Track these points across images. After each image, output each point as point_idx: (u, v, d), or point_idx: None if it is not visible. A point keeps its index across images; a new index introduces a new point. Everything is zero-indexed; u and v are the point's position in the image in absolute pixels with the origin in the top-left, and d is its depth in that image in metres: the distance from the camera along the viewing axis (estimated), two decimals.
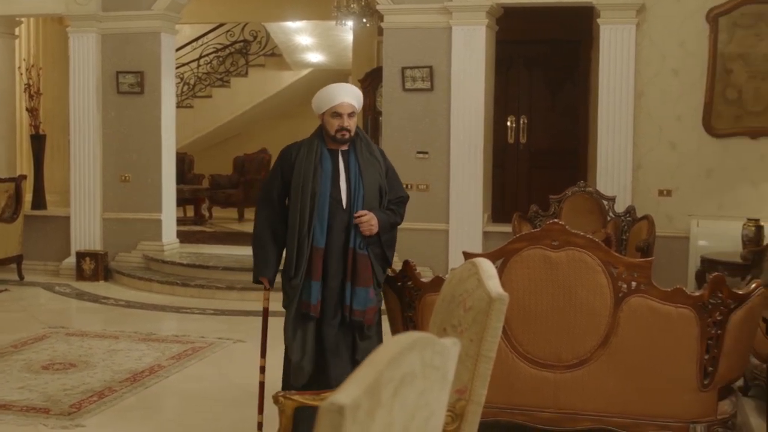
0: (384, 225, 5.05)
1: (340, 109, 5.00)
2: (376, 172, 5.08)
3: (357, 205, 4.98)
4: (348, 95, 5.07)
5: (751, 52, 9.01)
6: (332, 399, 1.76)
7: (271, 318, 8.34)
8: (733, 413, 4.81)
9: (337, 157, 5.08)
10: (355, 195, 5.00)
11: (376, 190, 5.05)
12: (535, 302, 4.68)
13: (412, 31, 9.78)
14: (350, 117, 5.02)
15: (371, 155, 5.13)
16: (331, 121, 5.04)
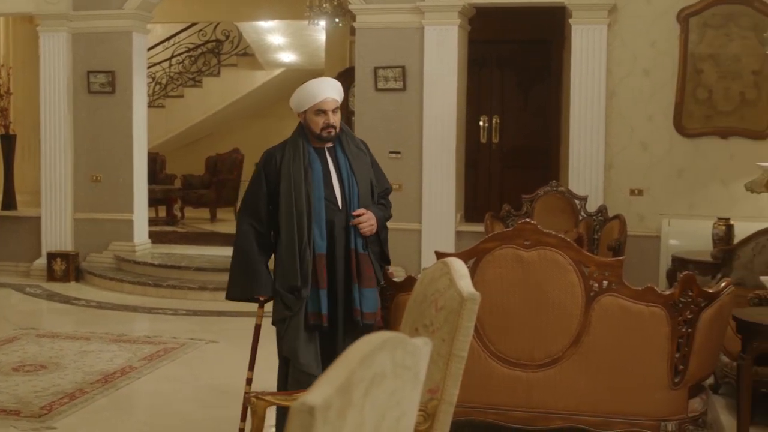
0: (381, 222, 4.87)
1: (324, 105, 4.73)
2: (366, 166, 4.87)
3: (353, 204, 4.75)
4: (331, 90, 4.80)
5: (721, 52, 9.07)
6: (303, 399, 1.75)
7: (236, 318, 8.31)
8: (703, 411, 4.84)
9: (325, 156, 4.82)
10: (350, 193, 4.76)
11: (368, 185, 4.84)
12: (507, 302, 4.69)
13: (385, 30, 9.78)
14: (335, 113, 4.77)
15: (358, 149, 4.90)
16: (315, 120, 4.75)
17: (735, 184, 8.80)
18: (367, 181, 4.83)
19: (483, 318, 4.64)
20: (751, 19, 8.91)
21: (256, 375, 5.13)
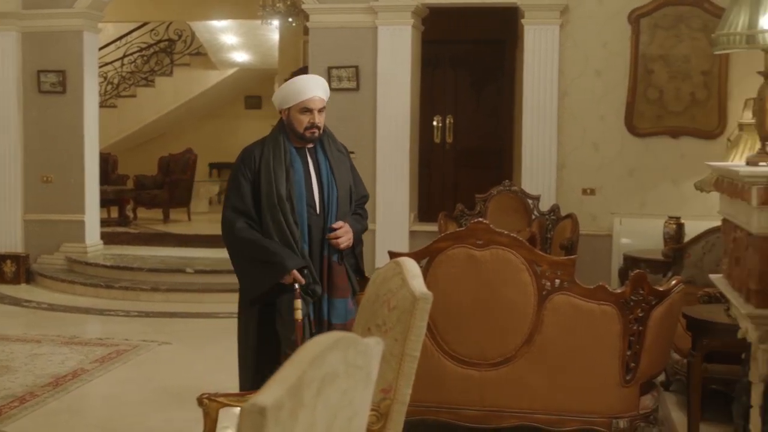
0: (357, 235, 4.67)
1: (310, 104, 4.52)
2: (346, 170, 4.69)
3: (331, 209, 4.56)
4: (318, 88, 4.59)
5: (671, 52, 9.16)
6: (254, 400, 1.75)
7: (188, 319, 8.27)
8: (654, 408, 4.88)
9: (306, 157, 4.62)
10: (329, 198, 4.58)
11: (347, 191, 4.66)
12: (460, 301, 4.70)
13: (338, 30, 9.77)
14: (320, 113, 4.56)
15: (339, 152, 4.72)
16: (299, 118, 4.54)
17: (685, 184, 8.89)
18: (346, 187, 4.65)
19: (436, 317, 4.65)
20: (700, 20, 9.01)
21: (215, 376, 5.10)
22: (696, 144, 9.12)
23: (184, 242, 12.63)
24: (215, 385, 6.10)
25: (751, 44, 3.55)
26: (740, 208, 3.50)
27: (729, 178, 3.64)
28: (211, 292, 9.62)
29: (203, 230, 14.20)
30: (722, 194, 3.86)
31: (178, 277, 10.02)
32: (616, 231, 9.16)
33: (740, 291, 3.53)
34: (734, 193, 3.50)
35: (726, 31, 3.60)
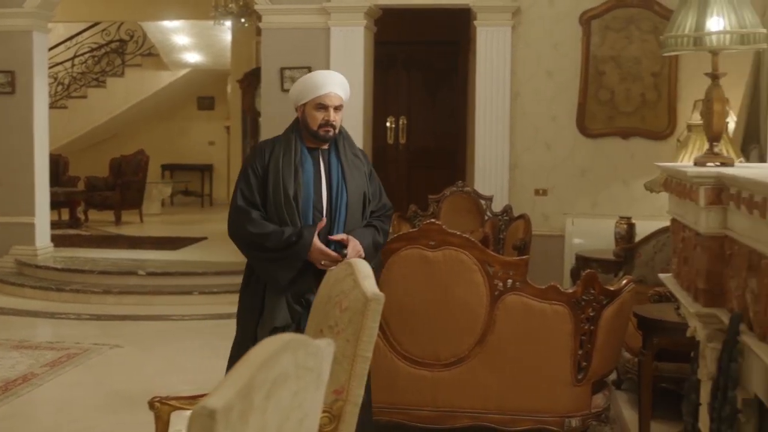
0: (369, 251, 4.35)
1: (326, 100, 4.31)
2: (361, 176, 4.44)
3: (339, 215, 4.34)
4: (336, 85, 4.36)
5: (622, 54, 9.24)
6: (203, 403, 1.74)
7: (140, 322, 8.20)
8: (606, 406, 4.93)
9: (318, 158, 4.41)
10: (337, 202, 4.35)
11: (360, 198, 4.41)
12: (413, 302, 4.71)
13: (291, 31, 9.74)
14: (337, 111, 4.34)
15: (355, 156, 4.49)
16: (314, 114, 4.32)
17: (636, 184, 8.97)
18: (359, 193, 4.40)
19: (389, 318, 4.65)
20: (651, 22, 9.10)
21: (167, 378, 5.04)
22: (646, 145, 9.21)
23: (136, 244, 12.53)
24: (167, 387, 6.07)
25: (698, 46, 3.59)
26: (688, 208, 3.54)
27: (677, 178, 3.68)
28: (163, 294, 9.55)
29: (155, 232, 14.12)
30: (671, 194, 3.90)
31: (130, 279, 9.94)
32: (569, 231, 9.22)
33: (689, 290, 3.57)
34: (682, 193, 3.53)
35: (674, 33, 3.64)
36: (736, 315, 3.01)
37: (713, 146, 3.61)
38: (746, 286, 2.93)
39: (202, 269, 10.16)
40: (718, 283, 3.29)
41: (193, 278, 9.91)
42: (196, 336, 8.18)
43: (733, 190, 3.09)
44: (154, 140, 18.89)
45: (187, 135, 19.68)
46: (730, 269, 3.18)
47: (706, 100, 3.65)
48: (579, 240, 9.08)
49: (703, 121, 3.72)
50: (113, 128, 18.65)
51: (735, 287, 3.08)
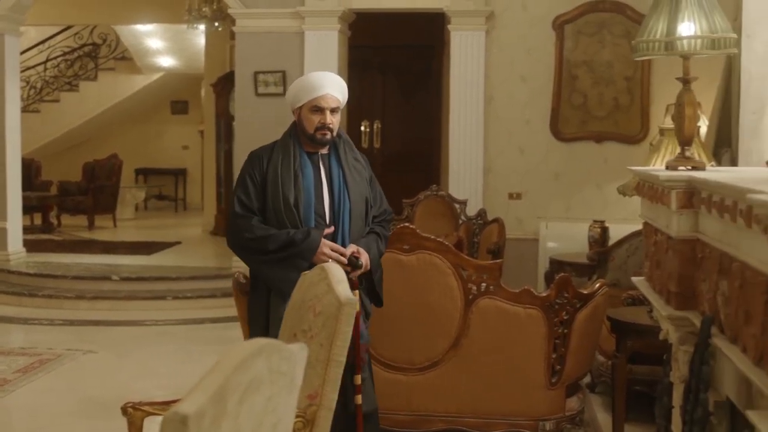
0: (376, 260, 4.27)
1: (322, 102, 4.21)
2: (362, 182, 4.33)
3: (343, 221, 4.22)
4: (332, 86, 4.27)
5: (595, 58, 9.29)
6: (175, 408, 1.73)
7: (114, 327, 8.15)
8: (580, 409, 4.95)
9: (318, 163, 4.30)
10: (340, 209, 4.24)
11: (363, 204, 4.30)
12: (387, 305, 4.70)
13: (265, 35, 9.73)
14: (333, 113, 4.24)
15: (356, 161, 4.37)
16: (309, 117, 4.23)
17: (609, 188, 9.01)
18: (361, 199, 4.30)
19: None
20: (623, 27, 9.15)
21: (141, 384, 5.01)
22: (619, 148, 9.26)
23: (110, 249, 12.47)
24: (141, 393, 6.04)
25: (669, 51, 3.61)
26: (660, 211, 3.56)
27: (649, 182, 3.70)
28: (137, 299, 9.51)
29: (129, 237, 14.05)
30: (643, 198, 3.92)
31: (103, 284, 9.89)
32: (542, 235, 9.25)
33: (661, 293, 3.59)
34: (654, 197, 3.55)
35: (645, 38, 3.66)
36: (708, 318, 3.03)
37: (685, 150, 3.63)
38: (717, 289, 2.95)
39: (176, 274, 10.12)
40: (689, 287, 3.31)
41: (166, 283, 9.87)
42: (170, 341, 8.15)
43: (704, 194, 3.11)
44: (127, 144, 18.80)
45: (161, 139, 19.60)
46: (701, 272, 3.20)
47: (678, 104, 3.67)
48: (553, 243, 9.11)
49: (674, 125, 3.74)
50: (86, 132, 18.55)
51: (706, 290, 3.10)
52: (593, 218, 8.38)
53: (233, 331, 8.00)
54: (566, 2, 9.27)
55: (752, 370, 2.54)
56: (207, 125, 14.69)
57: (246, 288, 4.87)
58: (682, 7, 3.57)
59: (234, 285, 4.93)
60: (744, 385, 2.88)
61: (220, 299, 9.39)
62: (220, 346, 7.76)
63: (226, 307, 8.89)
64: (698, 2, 3.58)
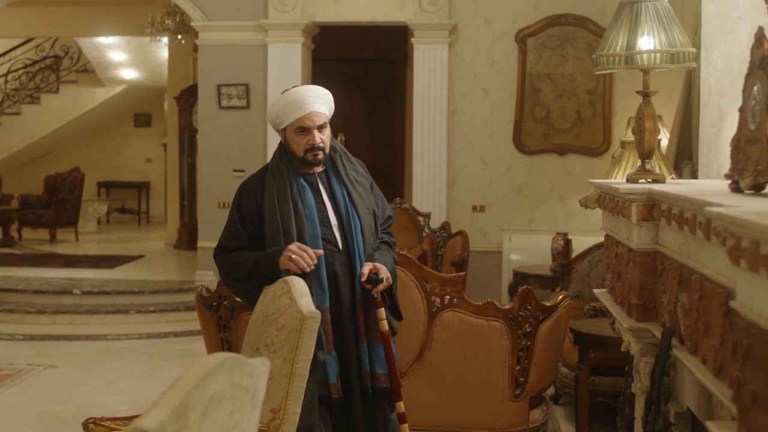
0: (393, 273, 3.97)
1: (306, 122, 3.83)
2: (367, 195, 4.02)
3: (356, 243, 3.88)
4: (316, 101, 3.88)
5: (557, 71, 9.35)
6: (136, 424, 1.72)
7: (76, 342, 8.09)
8: (544, 421, 4.96)
9: (317, 184, 3.95)
10: (351, 230, 3.89)
11: (371, 218, 3.98)
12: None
13: (228, 48, 9.72)
14: (322, 130, 3.87)
15: (356, 172, 4.04)
16: (296, 140, 3.86)
17: (572, 200, 9.07)
18: (369, 213, 3.97)
19: None
20: (585, 41, 9.22)
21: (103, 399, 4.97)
22: (582, 161, 9.32)
23: (72, 263, 12.37)
24: (103, 408, 6.00)
25: (629, 65, 3.65)
26: (621, 224, 3.59)
27: (610, 194, 3.73)
28: (99, 313, 9.43)
29: (91, 250, 13.95)
30: (604, 211, 3.95)
31: (65, 298, 9.80)
32: (506, 247, 9.28)
33: (622, 305, 3.62)
34: (615, 209, 3.58)
35: (606, 52, 3.70)
36: (668, 329, 3.05)
37: (645, 163, 3.66)
38: (677, 300, 2.98)
39: (139, 288, 10.06)
40: (650, 298, 3.33)
41: (129, 297, 9.81)
42: (133, 356, 8.09)
43: (664, 207, 3.13)
44: (89, 157, 18.68)
45: (124, 152, 19.50)
46: (661, 284, 3.23)
47: (638, 117, 3.70)
48: (516, 256, 9.15)
49: (635, 138, 3.78)
50: (48, 145, 18.41)
51: (667, 302, 3.13)
52: (556, 230, 8.42)
53: (196, 345, 7.98)
54: (529, 16, 9.33)
55: (712, 381, 2.56)
56: (170, 138, 14.62)
57: (209, 302, 4.86)
58: (642, 22, 3.61)
59: (197, 299, 4.92)
60: (704, 396, 2.90)
61: (183, 313, 9.36)
62: (183, 360, 7.72)
63: (190, 321, 8.88)
64: (657, 16, 3.62)
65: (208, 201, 9.80)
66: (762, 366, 1.84)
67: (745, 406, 1.98)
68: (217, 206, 9.68)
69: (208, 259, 9.65)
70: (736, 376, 2.07)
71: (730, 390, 2.27)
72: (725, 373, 2.45)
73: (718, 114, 4.65)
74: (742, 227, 1.87)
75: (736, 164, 2.76)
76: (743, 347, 1.97)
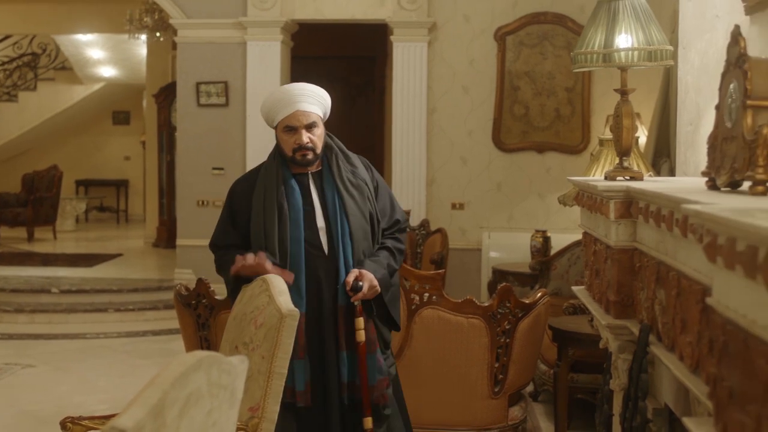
0: (385, 281, 3.80)
1: (293, 121, 3.75)
2: (362, 198, 3.83)
3: (343, 249, 3.74)
4: (304, 99, 3.78)
5: (536, 69, 9.37)
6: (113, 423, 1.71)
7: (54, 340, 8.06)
8: (523, 418, 4.98)
9: (308, 186, 3.84)
10: (339, 236, 3.75)
11: (365, 223, 3.82)
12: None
13: (207, 46, 9.69)
14: (310, 130, 3.77)
15: (354, 174, 3.87)
16: (284, 139, 3.78)
17: (551, 198, 9.10)
18: (363, 217, 3.81)
19: None
20: (564, 38, 9.25)
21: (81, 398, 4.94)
22: (561, 159, 9.34)
23: (50, 261, 12.30)
24: (81, 407, 5.98)
25: (607, 63, 3.66)
26: (599, 221, 3.60)
27: (588, 192, 3.74)
28: (78, 312, 9.38)
29: (69, 249, 13.88)
30: (582, 208, 3.96)
31: (43, 297, 9.75)
32: (485, 245, 9.29)
33: (600, 302, 3.63)
34: (593, 207, 3.59)
35: (583, 50, 3.71)
36: (646, 326, 3.07)
37: (623, 161, 3.67)
38: (655, 297, 2.99)
39: (118, 286, 10.02)
40: (628, 295, 3.34)
41: (108, 295, 9.77)
42: (112, 354, 8.06)
43: (642, 204, 3.15)
44: (68, 155, 18.59)
45: (102, 150, 19.41)
46: (639, 281, 3.24)
47: (616, 115, 3.72)
48: (495, 253, 9.16)
49: (612, 135, 3.79)
50: (25, 143, 18.31)
51: (644, 299, 3.14)
52: (535, 228, 8.45)
53: (175, 344, 7.95)
54: (508, 14, 9.35)
55: (689, 377, 2.57)
56: (149, 136, 14.57)
57: (187, 300, 4.85)
58: (620, 20, 3.62)
59: (176, 297, 4.91)
60: (681, 392, 2.91)
61: (162, 311, 9.33)
62: (162, 359, 7.70)
63: (168, 320, 8.85)
64: (635, 14, 3.63)
65: (187, 199, 9.77)
66: (738, 362, 1.85)
67: (721, 402, 1.99)
68: (196, 204, 9.66)
69: (187, 258, 9.67)
70: (712, 372, 2.08)
71: (706, 386, 2.28)
72: (702, 369, 2.46)
73: (696, 112, 4.68)
74: (719, 224, 1.88)
75: (713, 162, 2.77)
76: (719, 344, 1.99)
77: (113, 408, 5.92)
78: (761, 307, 1.71)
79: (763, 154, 2.38)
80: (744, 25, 3.75)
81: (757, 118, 2.44)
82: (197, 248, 9.52)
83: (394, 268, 3.90)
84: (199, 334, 4.84)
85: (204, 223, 9.59)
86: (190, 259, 9.61)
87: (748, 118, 2.45)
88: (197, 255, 9.51)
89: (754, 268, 1.69)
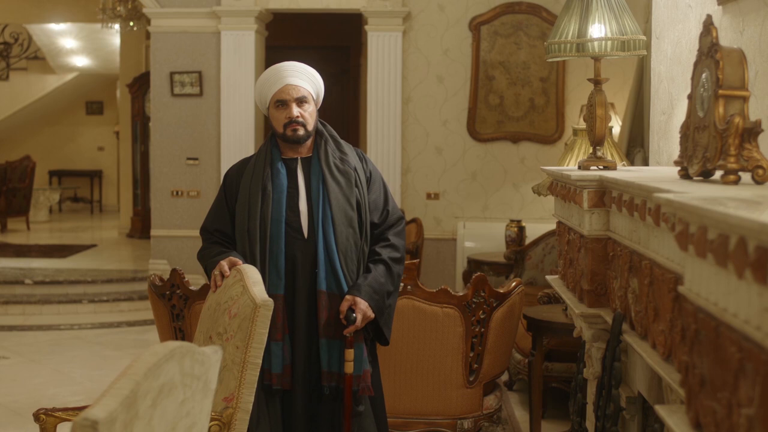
0: (379, 307, 3.74)
1: (283, 95, 3.78)
2: (348, 184, 3.80)
3: (324, 234, 3.71)
4: (294, 75, 3.83)
5: (511, 59, 9.38)
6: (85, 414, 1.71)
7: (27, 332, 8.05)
8: (498, 407, 5.00)
9: (295, 170, 3.84)
10: (320, 220, 3.72)
11: (350, 210, 3.76)
12: None
13: (181, 35, 9.64)
14: (301, 104, 3.79)
15: (342, 161, 3.86)
16: (275, 116, 3.80)
17: (525, 187, 9.12)
18: (347, 204, 3.76)
19: None
20: (538, 28, 9.27)
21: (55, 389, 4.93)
22: (536, 148, 9.37)
23: (23, 252, 12.23)
24: (55, 399, 5.95)
25: (580, 52, 3.67)
26: (573, 210, 3.61)
27: (562, 181, 3.75)
28: (51, 303, 9.33)
29: (43, 240, 13.80)
30: (556, 198, 3.98)
31: (16, 288, 9.68)
32: (460, 234, 9.31)
33: (574, 291, 3.65)
34: (567, 196, 3.61)
35: (557, 40, 3.72)
36: (619, 315, 3.08)
37: (596, 150, 3.69)
38: (628, 286, 3.01)
39: (92, 277, 9.96)
40: (601, 284, 3.36)
41: (82, 286, 9.72)
42: (86, 346, 8.02)
43: (615, 193, 3.16)
44: (41, 146, 18.49)
45: (76, 140, 19.31)
46: (612, 270, 3.26)
47: (589, 105, 3.73)
48: (471, 243, 9.18)
49: (586, 125, 3.80)
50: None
51: (618, 288, 3.16)
52: (510, 218, 8.48)
53: (150, 335, 7.94)
54: (482, 3, 9.36)
55: (661, 365, 2.59)
56: (123, 126, 14.50)
57: (162, 290, 4.83)
58: (593, 9, 3.63)
59: (150, 288, 4.89)
60: (654, 380, 2.94)
61: (137, 302, 9.30)
62: (136, 350, 7.67)
63: (143, 311, 8.83)
64: (608, 4, 3.64)
65: (161, 189, 9.73)
66: (709, 350, 1.86)
67: (692, 389, 2.00)
68: (170, 194, 9.62)
69: (162, 248, 9.64)
70: (684, 360, 2.09)
71: (679, 374, 2.30)
72: (674, 357, 2.48)
73: (669, 101, 4.70)
74: (690, 213, 1.89)
75: (685, 151, 2.79)
76: (691, 332, 2.00)
77: (88, 399, 5.90)
78: (732, 295, 1.72)
79: (734, 144, 2.39)
80: (716, 15, 3.77)
81: (728, 108, 2.46)
82: (172, 239, 9.50)
83: (390, 290, 3.81)
84: (173, 325, 4.82)
85: (178, 214, 9.58)
86: (165, 250, 9.58)
87: (720, 108, 2.47)
88: (172, 245, 9.48)
89: (725, 256, 1.71)
